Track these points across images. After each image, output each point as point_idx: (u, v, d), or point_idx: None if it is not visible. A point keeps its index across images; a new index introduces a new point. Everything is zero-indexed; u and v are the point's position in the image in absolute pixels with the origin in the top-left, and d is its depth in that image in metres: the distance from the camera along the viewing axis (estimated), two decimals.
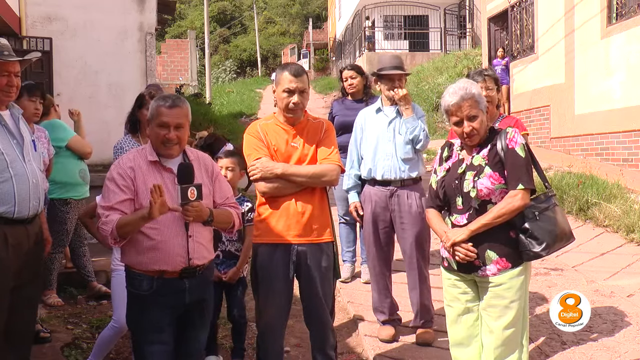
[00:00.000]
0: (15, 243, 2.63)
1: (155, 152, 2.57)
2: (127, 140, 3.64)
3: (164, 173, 2.56)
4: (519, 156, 2.60)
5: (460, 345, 2.78)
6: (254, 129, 3.00)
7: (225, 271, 3.49)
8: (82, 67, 8.22)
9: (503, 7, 12.14)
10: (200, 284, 2.60)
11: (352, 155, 3.93)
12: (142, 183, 2.50)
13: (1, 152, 2.61)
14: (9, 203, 2.59)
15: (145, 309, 2.51)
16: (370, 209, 3.76)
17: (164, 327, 2.52)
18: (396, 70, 3.76)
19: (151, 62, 8.67)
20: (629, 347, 3.60)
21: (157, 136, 2.54)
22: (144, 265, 2.48)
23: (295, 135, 2.97)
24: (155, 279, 2.49)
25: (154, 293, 2.49)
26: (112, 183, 2.50)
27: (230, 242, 3.53)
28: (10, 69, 2.68)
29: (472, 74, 3.69)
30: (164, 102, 2.56)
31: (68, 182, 4.47)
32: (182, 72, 24.49)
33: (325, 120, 3.16)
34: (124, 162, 2.56)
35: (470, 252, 2.58)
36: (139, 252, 2.49)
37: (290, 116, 2.94)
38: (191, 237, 2.52)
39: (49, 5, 8.11)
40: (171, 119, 2.52)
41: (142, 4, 8.65)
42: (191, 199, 2.40)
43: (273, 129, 2.98)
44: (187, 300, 2.55)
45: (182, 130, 2.57)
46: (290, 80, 2.88)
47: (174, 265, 2.49)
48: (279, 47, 44.65)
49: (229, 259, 3.53)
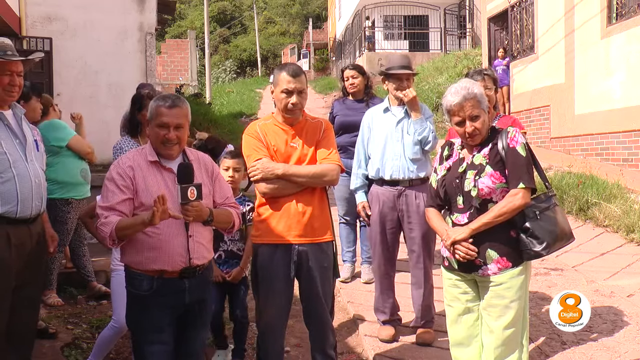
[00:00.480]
0: (18, 243, 2.63)
1: (155, 152, 2.57)
2: (127, 140, 3.63)
3: (164, 173, 2.55)
4: (520, 155, 2.60)
5: (460, 345, 2.78)
6: (253, 130, 3.00)
7: (228, 271, 3.49)
8: (82, 67, 8.23)
9: (503, 7, 12.14)
10: (200, 284, 2.60)
11: (360, 155, 3.93)
12: (142, 182, 2.50)
13: (4, 151, 2.61)
14: (12, 203, 2.59)
15: (145, 309, 2.51)
16: (377, 209, 3.76)
17: (164, 327, 2.51)
18: (404, 70, 3.75)
19: (151, 62, 8.67)
20: (629, 347, 3.60)
21: (157, 136, 2.54)
22: (143, 264, 2.48)
23: (294, 136, 2.97)
24: (155, 279, 2.49)
25: (154, 293, 2.49)
26: (112, 183, 2.50)
27: (232, 242, 3.53)
28: (13, 69, 2.68)
29: (472, 73, 3.70)
30: (163, 102, 2.55)
31: (69, 182, 4.47)
32: (182, 72, 24.48)
33: (323, 120, 3.16)
34: (123, 161, 2.56)
35: (471, 250, 2.58)
36: (138, 252, 2.49)
37: (289, 117, 2.94)
38: (191, 237, 2.52)
39: (49, 5, 8.11)
40: (171, 119, 2.52)
41: (142, 4, 8.66)
42: (191, 199, 2.40)
43: (272, 129, 2.98)
44: (187, 300, 2.55)
45: (182, 131, 2.57)
46: (289, 80, 2.88)
47: (174, 265, 2.48)
48: (279, 47, 44.66)
49: (232, 258, 3.53)
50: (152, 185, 2.51)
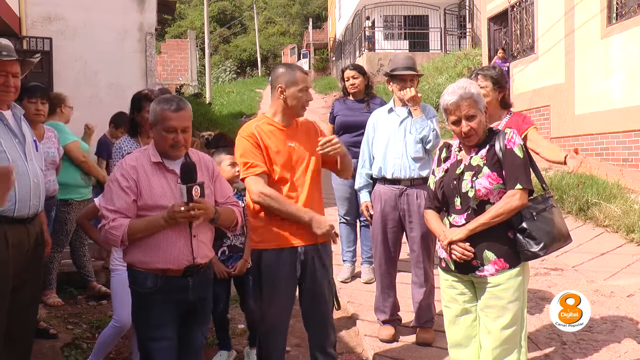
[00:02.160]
0: (16, 243, 2.63)
1: (159, 154, 2.58)
2: (127, 140, 3.63)
3: (168, 174, 2.57)
4: (517, 156, 2.60)
5: (458, 346, 2.78)
6: (249, 131, 2.94)
7: (233, 265, 3.52)
8: (82, 67, 8.23)
9: (503, 7, 12.15)
10: (203, 282, 2.64)
11: (364, 155, 3.95)
12: (146, 183, 2.51)
13: (3, 149, 2.61)
14: (10, 201, 2.58)
15: (149, 306, 2.53)
16: (379, 207, 3.78)
17: (168, 323, 2.54)
18: (408, 71, 3.76)
19: (151, 62, 8.67)
20: (629, 347, 3.60)
21: (165, 140, 2.54)
22: (147, 264, 2.50)
23: (290, 136, 2.97)
24: (159, 277, 2.51)
25: (158, 290, 2.51)
26: (115, 184, 2.50)
27: (234, 237, 3.58)
28: (8, 69, 2.68)
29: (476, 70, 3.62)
30: (168, 105, 2.54)
31: (69, 184, 4.47)
32: (182, 72, 24.49)
33: (308, 119, 3.17)
34: (126, 162, 2.56)
35: (467, 250, 2.58)
36: (142, 252, 2.50)
37: (298, 115, 2.99)
38: (195, 236, 2.55)
39: (49, 5, 8.11)
40: (178, 123, 2.53)
41: (142, 4, 8.66)
42: (196, 198, 2.43)
43: (268, 129, 2.96)
44: (190, 298, 2.57)
45: (188, 132, 2.60)
46: (304, 78, 2.95)
47: (178, 264, 2.51)
48: (279, 47, 44.68)
49: (235, 252, 3.57)
50: (156, 187, 2.52)
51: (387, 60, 15.79)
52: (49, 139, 4.12)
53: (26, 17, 7.87)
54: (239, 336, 3.96)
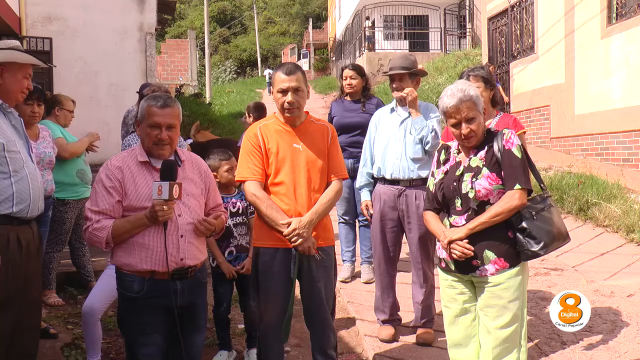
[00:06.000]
0: (26, 244, 2.60)
1: (146, 153, 2.56)
2: (135, 137, 3.64)
3: (154, 174, 2.52)
4: (516, 157, 2.61)
5: (458, 345, 2.78)
6: (253, 132, 2.97)
7: (240, 264, 3.56)
8: (82, 67, 8.24)
9: (503, 7, 12.14)
10: (193, 287, 2.57)
11: (366, 154, 3.96)
12: (131, 183, 2.49)
13: (18, 150, 2.57)
14: (25, 202, 2.54)
15: (136, 311, 2.48)
16: (379, 207, 3.78)
17: (156, 329, 2.49)
18: (401, 70, 3.76)
19: (151, 62, 8.68)
20: (629, 347, 3.60)
21: (149, 136, 2.52)
22: (133, 266, 2.46)
23: (297, 137, 2.95)
24: (146, 280, 2.46)
25: (145, 295, 2.46)
26: (100, 185, 2.48)
27: (241, 237, 3.61)
28: (29, 72, 2.71)
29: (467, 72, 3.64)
30: (155, 102, 2.53)
31: (65, 182, 4.44)
32: (182, 72, 24.51)
33: (328, 124, 3.12)
34: (112, 163, 2.54)
35: (467, 249, 2.58)
36: (128, 253, 2.47)
37: (288, 116, 2.92)
38: (182, 236, 2.51)
39: (49, 5, 8.12)
40: (163, 119, 2.51)
41: (142, 4, 8.67)
42: (175, 197, 2.38)
43: (274, 129, 2.96)
44: (180, 303, 2.50)
45: (174, 131, 2.56)
46: (283, 79, 2.87)
47: (165, 265, 2.44)
48: (279, 47, 44.69)
49: (242, 252, 3.61)
50: (141, 186, 2.49)
51: (387, 60, 15.82)
52: (44, 139, 4.07)
53: (26, 17, 7.88)
54: (239, 336, 3.96)
